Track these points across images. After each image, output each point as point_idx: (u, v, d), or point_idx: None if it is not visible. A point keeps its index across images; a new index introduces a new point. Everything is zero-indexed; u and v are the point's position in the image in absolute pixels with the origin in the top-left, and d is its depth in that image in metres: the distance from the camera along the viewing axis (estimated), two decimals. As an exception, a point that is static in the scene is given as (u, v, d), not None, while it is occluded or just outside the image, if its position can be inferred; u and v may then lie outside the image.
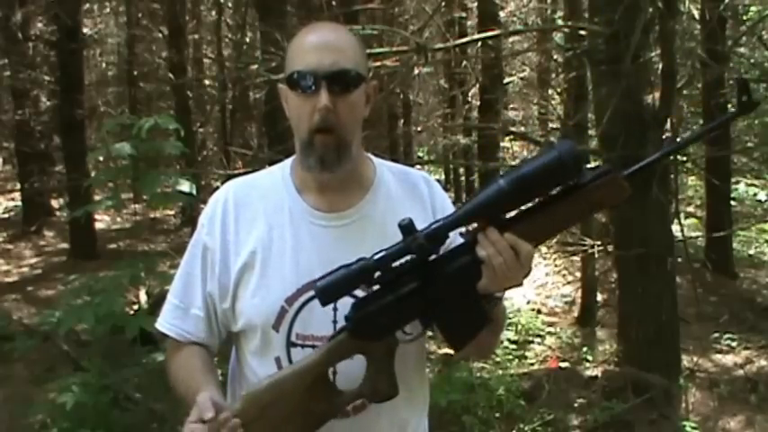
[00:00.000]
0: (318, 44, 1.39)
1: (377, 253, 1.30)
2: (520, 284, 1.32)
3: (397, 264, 1.31)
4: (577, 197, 1.29)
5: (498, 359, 5.95)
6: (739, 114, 1.36)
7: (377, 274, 1.31)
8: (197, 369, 1.48)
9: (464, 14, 11.09)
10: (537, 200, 1.31)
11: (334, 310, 1.41)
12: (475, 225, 1.31)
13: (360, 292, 1.36)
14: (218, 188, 1.58)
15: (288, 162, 1.53)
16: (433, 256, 1.32)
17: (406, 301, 1.33)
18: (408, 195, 1.51)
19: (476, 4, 10.85)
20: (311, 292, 1.41)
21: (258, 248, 1.45)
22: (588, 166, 1.35)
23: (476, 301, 1.33)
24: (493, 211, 1.28)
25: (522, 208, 1.31)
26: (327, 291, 1.31)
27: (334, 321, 1.41)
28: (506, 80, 11.15)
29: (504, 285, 1.32)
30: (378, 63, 4.72)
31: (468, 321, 1.35)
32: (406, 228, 1.29)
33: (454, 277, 1.32)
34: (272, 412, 1.33)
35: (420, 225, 1.39)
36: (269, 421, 1.33)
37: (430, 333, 1.58)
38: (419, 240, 1.28)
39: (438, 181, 1.59)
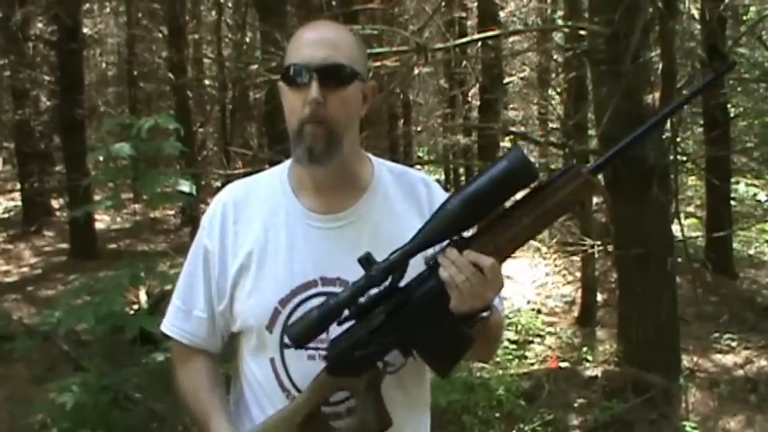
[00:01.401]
0: (314, 39, 1.40)
1: (343, 291, 1.31)
2: (491, 300, 1.29)
3: (364, 299, 1.31)
4: (540, 200, 1.25)
5: (498, 359, 5.94)
6: (715, 79, 1.30)
7: (346, 311, 1.31)
8: (204, 389, 1.51)
9: (464, 14, 11.08)
10: (501, 209, 1.28)
11: None
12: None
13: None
14: (218, 188, 1.59)
15: (286, 163, 1.53)
16: (401, 285, 1.32)
17: (378, 333, 1.32)
18: (406, 197, 1.50)
19: (476, 4, 10.85)
20: (305, 294, 1.42)
21: (254, 250, 1.45)
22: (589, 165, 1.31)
23: (452, 325, 1.30)
24: (448, 233, 1.27)
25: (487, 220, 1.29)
26: (299, 336, 1.32)
27: None
28: (506, 80, 11.15)
29: (475, 303, 1.27)
30: (378, 63, 4.72)
31: (448, 345, 1.32)
32: (365, 261, 1.29)
33: (422, 304, 1.31)
34: None
35: (418, 226, 1.39)
36: None
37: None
38: (377, 273, 1.28)
39: (438, 181, 1.58)
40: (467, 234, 1.31)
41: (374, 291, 1.31)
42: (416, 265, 1.33)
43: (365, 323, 1.33)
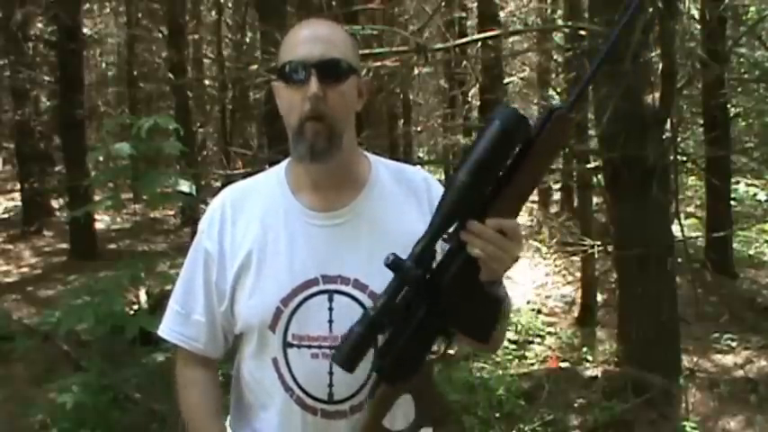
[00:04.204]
0: (309, 36, 1.41)
1: (378, 299, 1.29)
2: (517, 258, 1.30)
3: (399, 299, 1.29)
4: (536, 152, 1.27)
5: (498, 359, 5.95)
6: None
7: (386, 319, 1.30)
8: (203, 414, 1.53)
9: (464, 14, 11.11)
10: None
11: (330, 310, 1.41)
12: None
13: None
14: (218, 188, 1.59)
15: (283, 164, 1.53)
16: (432, 272, 1.31)
17: (424, 328, 1.33)
18: (404, 192, 1.50)
19: (476, 4, 10.86)
20: (307, 293, 1.42)
21: (254, 250, 1.45)
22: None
23: (484, 294, 1.32)
24: (465, 206, 1.27)
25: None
26: (348, 360, 1.29)
27: (330, 321, 1.41)
28: (506, 80, 11.16)
29: (505, 267, 1.29)
30: (378, 63, 4.72)
31: (484, 314, 1.34)
32: (394, 264, 1.27)
33: (456, 285, 1.31)
34: None
35: (417, 221, 1.38)
36: None
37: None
38: (411, 272, 1.27)
39: (438, 181, 1.58)
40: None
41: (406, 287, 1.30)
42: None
43: (406, 324, 1.32)
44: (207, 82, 12.81)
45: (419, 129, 14.07)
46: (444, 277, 1.31)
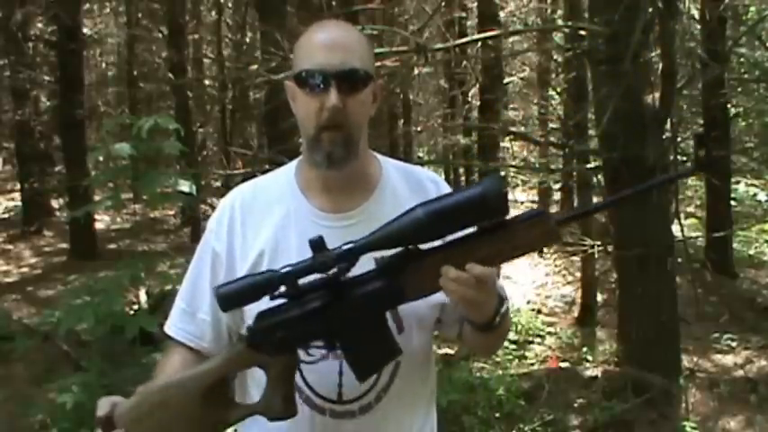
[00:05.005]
0: (327, 42, 1.39)
1: (285, 266, 1.28)
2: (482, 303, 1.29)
3: (304, 280, 1.28)
4: (502, 236, 1.24)
5: (498, 359, 5.95)
6: (695, 171, 1.33)
7: (282, 288, 1.28)
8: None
9: (464, 14, 11.11)
10: (462, 233, 1.26)
11: None
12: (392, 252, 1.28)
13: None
14: (218, 188, 1.58)
15: (293, 164, 1.53)
16: (345, 278, 1.29)
17: (308, 319, 1.30)
18: (414, 194, 1.49)
19: (476, 4, 10.86)
20: None
21: (265, 250, 1.45)
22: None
23: (385, 332, 1.30)
24: (408, 240, 1.26)
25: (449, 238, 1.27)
26: (228, 297, 1.28)
27: None
28: (506, 80, 11.16)
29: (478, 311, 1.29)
30: (378, 63, 4.72)
31: (373, 351, 1.31)
32: (316, 244, 1.26)
33: (362, 302, 1.29)
34: (160, 413, 1.32)
35: None
36: (156, 421, 1.32)
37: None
38: (325, 259, 1.25)
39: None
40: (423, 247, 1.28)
41: (316, 275, 1.28)
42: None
43: (298, 305, 1.30)
44: (207, 82, 12.81)
45: (419, 129, 14.06)
46: (355, 290, 1.29)
